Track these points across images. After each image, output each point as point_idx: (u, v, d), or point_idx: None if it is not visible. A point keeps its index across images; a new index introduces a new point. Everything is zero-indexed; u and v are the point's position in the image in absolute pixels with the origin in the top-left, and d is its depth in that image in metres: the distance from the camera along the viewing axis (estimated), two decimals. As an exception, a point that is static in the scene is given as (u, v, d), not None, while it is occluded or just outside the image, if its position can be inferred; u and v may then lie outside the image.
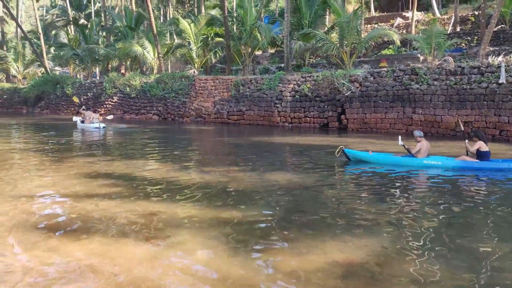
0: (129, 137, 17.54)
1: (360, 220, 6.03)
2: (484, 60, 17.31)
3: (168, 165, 10.57)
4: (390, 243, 5.13)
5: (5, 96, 39.53)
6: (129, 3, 40.89)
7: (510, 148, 12.89)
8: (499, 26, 26.91)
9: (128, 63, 35.46)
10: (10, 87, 40.25)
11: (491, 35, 20.42)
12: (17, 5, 48.31)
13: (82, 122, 21.98)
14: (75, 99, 27.92)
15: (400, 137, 10.60)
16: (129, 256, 4.74)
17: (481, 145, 9.45)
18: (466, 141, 9.85)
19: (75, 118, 23.00)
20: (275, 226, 5.80)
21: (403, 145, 10.39)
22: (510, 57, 16.97)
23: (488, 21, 21.14)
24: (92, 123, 21.34)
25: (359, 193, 7.78)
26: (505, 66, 15.73)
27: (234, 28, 28.45)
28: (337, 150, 10.88)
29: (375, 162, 10.48)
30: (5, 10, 45.70)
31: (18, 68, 41.30)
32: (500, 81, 15.62)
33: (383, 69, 19.63)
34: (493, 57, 17.29)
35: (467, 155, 9.75)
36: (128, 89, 29.24)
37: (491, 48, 22.46)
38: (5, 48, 42.64)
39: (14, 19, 43.07)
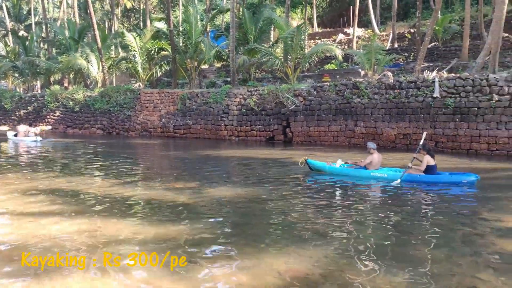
0: (72, 152, 17.07)
1: (305, 232, 6.17)
2: (420, 75, 18.21)
3: (112, 180, 10.37)
4: (334, 253, 5.27)
5: None
6: (72, 16, 39.93)
7: (444, 159, 13.58)
8: (433, 44, 28.44)
9: (72, 76, 34.53)
10: None
11: (425, 51, 21.52)
12: (-50, 15, 46.15)
13: (15, 135, 22.18)
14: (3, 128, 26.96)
15: (338, 160, 11.00)
16: (69, 276, 4.64)
17: (428, 160, 9.85)
18: (414, 155, 10.26)
19: (8, 133, 23.21)
20: (221, 240, 5.84)
21: (346, 163, 10.83)
22: (443, 72, 17.97)
23: (423, 39, 22.28)
24: (28, 136, 21.64)
25: (305, 204, 7.96)
26: (439, 81, 16.63)
27: (180, 41, 28.43)
28: (301, 160, 11.43)
29: (331, 173, 10.91)
30: None
31: (-50, 80, 39.25)
32: (434, 95, 16.49)
33: (326, 83, 20.18)
34: (428, 72, 18.25)
35: (410, 167, 10.08)
36: (71, 103, 28.45)
37: (426, 64, 23.66)
38: None
39: None
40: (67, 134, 27.05)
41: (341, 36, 35.19)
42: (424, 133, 11.45)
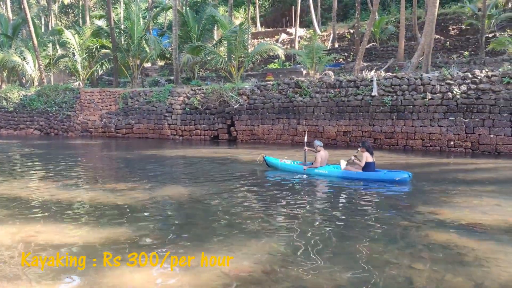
0: (6, 154, 16.32)
1: (249, 229, 6.25)
2: (359, 74, 18.81)
3: (51, 183, 9.99)
4: (277, 250, 5.37)
5: None
6: (4, 10, 38.09)
7: (383, 155, 14.14)
8: (371, 44, 29.47)
9: (5, 74, 32.94)
10: None
11: (364, 51, 22.27)
12: None
13: None
14: None
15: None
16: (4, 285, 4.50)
17: (367, 157, 10.19)
18: (355, 153, 10.64)
19: None
20: (164, 241, 5.79)
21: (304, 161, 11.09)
22: (380, 72, 18.67)
23: (362, 39, 23.02)
24: None
25: (249, 202, 8.04)
26: (377, 80, 17.27)
27: (122, 39, 27.82)
28: (259, 158, 11.67)
29: (282, 169, 11.24)
30: None
31: None
32: (372, 94, 17.11)
33: (269, 82, 20.44)
34: (367, 71, 18.90)
35: (347, 164, 10.50)
36: (4, 102, 27.15)
37: (365, 64, 24.47)
38: None
39: None
40: (1, 135, 25.81)
41: (283, 36, 35.70)
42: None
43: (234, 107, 20.12)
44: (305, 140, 11.98)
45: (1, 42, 30.87)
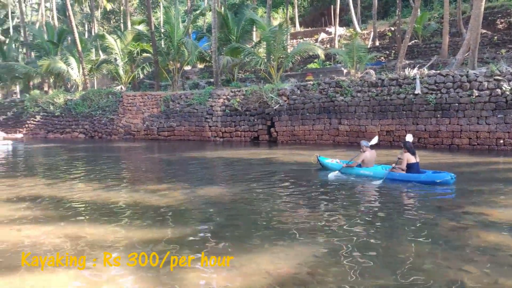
0: (54, 158, 16.82)
1: (292, 230, 6.13)
2: (401, 72, 18.37)
3: (96, 185, 10.20)
4: (321, 251, 5.25)
5: None
6: (50, 18, 39.41)
7: (427, 155, 13.72)
8: (413, 41, 28.74)
9: (52, 80, 34.09)
10: None
11: (406, 49, 21.73)
12: None
13: None
14: None
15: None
16: (59, 280, 4.55)
17: (408, 157, 9.87)
18: (399, 154, 10.28)
19: None
20: (207, 242, 5.76)
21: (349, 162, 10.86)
22: (424, 69, 18.16)
23: (403, 36, 22.48)
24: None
25: (292, 203, 7.92)
26: (420, 78, 16.81)
27: (162, 43, 28.25)
28: (313, 158, 11.59)
29: (331, 169, 11.01)
30: None
31: None
32: (416, 92, 16.66)
33: (309, 82, 20.27)
34: (409, 69, 18.43)
35: (393, 167, 10.15)
36: (51, 107, 28.10)
37: (407, 61, 23.91)
38: None
39: None
40: (48, 139, 26.67)
41: (323, 35, 35.36)
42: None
43: (274, 108, 20.03)
44: (373, 142, 11.51)
45: (48, 49, 31.94)
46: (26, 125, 29.17)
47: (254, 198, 8.39)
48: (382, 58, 27.86)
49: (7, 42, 38.58)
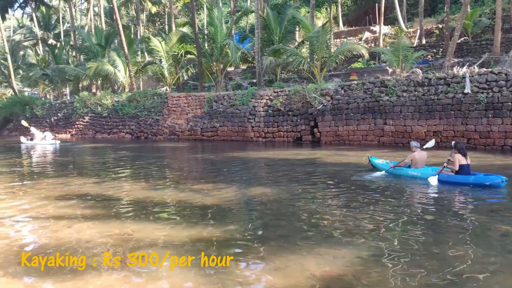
0: (102, 157, 17.30)
1: (337, 232, 6.05)
2: (449, 71, 17.80)
3: (142, 184, 10.43)
4: (366, 253, 5.14)
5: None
6: (98, 22, 40.64)
7: (478, 156, 13.22)
8: (462, 38, 27.80)
9: (99, 82, 35.13)
10: (-22, 109, 39.31)
11: (455, 47, 21.05)
12: (-17, 26, 47.50)
13: (31, 140, 24.11)
14: (24, 123, 27.77)
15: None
16: (105, 280, 4.64)
17: (459, 159, 9.52)
18: (449, 156, 9.91)
19: (22, 139, 24.87)
20: (252, 241, 5.76)
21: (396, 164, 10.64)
22: (474, 67, 17.52)
23: (452, 34, 21.79)
24: (45, 140, 23.51)
25: (337, 204, 7.82)
26: (470, 76, 16.22)
27: (206, 45, 28.56)
28: (364, 158, 11.41)
29: (381, 171, 10.87)
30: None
31: (-16, 90, 40.45)
32: (465, 91, 16.10)
33: (354, 82, 19.98)
34: (458, 68, 17.83)
35: (442, 168, 9.80)
36: (99, 108, 28.95)
37: (456, 60, 23.15)
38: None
39: (-20, 40, 42.32)
40: (96, 139, 27.48)
41: (367, 34, 34.79)
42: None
43: (317, 108, 19.85)
44: (428, 145, 11.17)
45: (96, 52, 32.92)
46: (76, 126, 30.18)
47: (298, 199, 8.32)
48: (429, 56, 27.11)
49: (58, 46, 40.01)
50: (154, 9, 47.65)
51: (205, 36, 29.04)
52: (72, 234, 6.21)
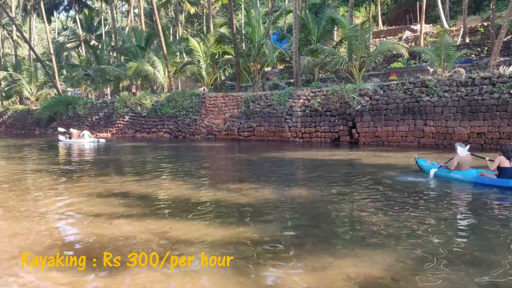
0: (141, 156, 17.61)
1: (376, 234, 5.93)
2: (495, 70, 17.21)
3: (180, 182, 10.54)
4: (406, 257, 5.02)
5: (18, 118, 40.09)
6: (138, 23, 41.45)
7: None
8: (509, 36, 26.82)
9: (139, 82, 35.80)
10: (24, 108, 40.82)
11: (501, 45, 20.33)
12: (30, 28, 49.26)
13: (69, 138, 25.31)
14: (61, 129, 28.92)
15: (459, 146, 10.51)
16: (145, 277, 4.69)
17: (501, 161, 9.13)
18: (487, 159, 9.59)
19: (60, 137, 26.02)
20: (288, 242, 5.72)
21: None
22: (521, 66, 16.88)
23: (498, 32, 21.07)
24: (84, 138, 24.60)
25: (375, 206, 7.67)
26: (517, 76, 15.63)
27: (243, 45, 28.66)
28: (411, 159, 11.30)
29: (426, 173, 10.60)
30: (18, 33, 46.56)
31: (31, 90, 41.88)
32: (512, 91, 15.51)
33: (393, 82, 19.61)
34: (504, 67, 17.21)
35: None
36: (139, 108, 29.50)
37: (502, 59, 22.36)
38: (18, 71, 43.32)
39: (27, 42, 43.91)
40: (136, 138, 28.01)
41: (407, 33, 34.07)
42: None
43: (356, 108, 19.56)
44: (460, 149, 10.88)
45: (136, 53, 33.57)
46: (116, 125, 30.85)
47: (334, 200, 8.22)
48: (473, 55, 26.28)
49: (100, 47, 41.03)
50: (192, 10, 48.19)
51: (243, 36, 29.15)
52: (112, 230, 6.34)
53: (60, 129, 28.91)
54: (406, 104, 18.29)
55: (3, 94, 47.77)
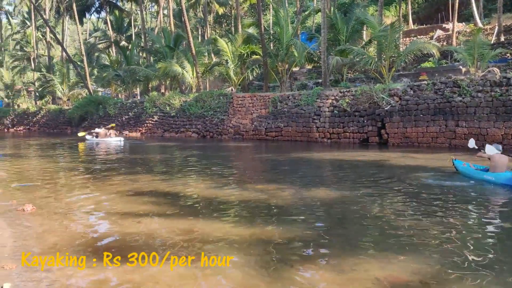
0: (169, 155, 17.77)
1: (405, 237, 5.82)
2: (530, 70, 16.70)
3: (207, 182, 10.59)
4: (436, 261, 4.92)
5: (51, 117, 41.07)
6: (167, 24, 41.86)
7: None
8: (546, 35, 25.98)
9: (168, 82, 36.14)
10: (56, 108, 41.76)
11: (537, 44, 19.70)
12: (63, 30, 50.36)
13: (96, 137, 26.00)
14: (81, 134, 29.21)
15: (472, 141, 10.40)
16: (170, 274, 4.73)
17: None
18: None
19: (87, 137, 26.81)
20: (315, 243, 5.68)
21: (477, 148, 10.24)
22: (559, 66, 16.31)
23: (534, 30, 20.43)
24: (110, 137, 25.38)
25: (404, 208, 7.52)
26: (554, 75, 15.11)
27: (271, 45, 28.56)
28: (448, 160, 11.22)
29: (466, 175, 10.41)
30: (51, 35, 47.69)
31: (63, 90, 42.83)
32: (549, 91, 15.00)
33: (424, 82, 19.23)
34: (541, 66, 16.67)
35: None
36: (168, 108, 29.79)
37: (538, 58, 21.66)
38: (51, 72, 44.36)
39: (60, 43, 44.90)
40: (164, 137, 28.29)
41: (439, 32, 33.35)
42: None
43: (385, 108, 19.26)
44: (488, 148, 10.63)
45: (165, 53, 33.90)
46: (145, 125, 31.23)
47: (363, 201, 8.11)
48: (508, 54, 25.53)
49: (129, 48, 41.60)
50: (221, 11, 48.41)
51: (271, 37, 29.07)
52: (141, 229, 6.44)
53: (80, 134, 29.24)
54: (437, 104, 17.91)
55: (37, 94, 49.06)
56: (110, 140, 25.00)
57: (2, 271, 4.77)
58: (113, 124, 28.58)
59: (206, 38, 38.90)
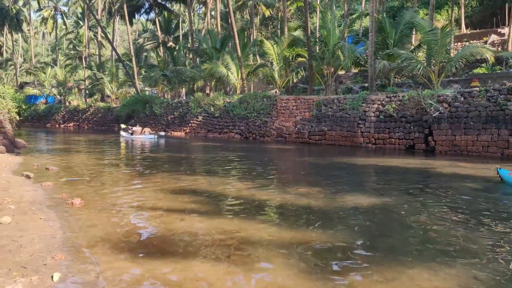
0: (212, 155, 17.90)
1: (451, 247, 5.63)
2: None
3: (249, 183, 10.59)
4: (484, 274, 4.74)
5: (99, 115, 42.34)
6: (214, 26, 42.31)
7: None
8: None
9: (213, 83, 36.51)
10: (105, 106, 43.05)
11: None
12: (113, 30, 51.88)
13: (131, 134, 27.45)
14: (123, 126, 30.95)
15: None
16: (211, 273, 4.75)
17: None
18: None
19: (122, 133, 28.39)
20: (357, 249, 5.58)
21: None
22: None
23: None
24: (144, 135, 27.02)
25: (452, 217, 7.26)
26: None
27: (317, 48, 28.32)
28: (493, 169, 10.97)
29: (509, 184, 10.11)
30: (103, 35, 49.20)
31: (112, 88, 44.07)
32: None
33: (475, 89, 18.52)
34: None
35: None
36: (212, 108, 30.08)
37: None
38: (101, 70, 45.75)
39: (110, 43, 46.32)
40: (208, 137, 28.58)
41: (493, 37, 32.12)
42: None
43: (433, 115, 18.69)
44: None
45: (211, 54, 34.27)
46: (190, 124, 31.66)
47: (407, 209, 7.89)
48: None
49: (176, 48, 42.31)
50: (267, 13, 48.48)
51: (317, 40, 28.84)
52: (184, 226, 6.53)
53: (122, 126, 30.94)
54: (489, 112, 17.21)
55: (87, 91, 50.70)
56: (144, 137, 26.31)
57: (52, 261, 4.93)
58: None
59: (252, 40, 39.03)
